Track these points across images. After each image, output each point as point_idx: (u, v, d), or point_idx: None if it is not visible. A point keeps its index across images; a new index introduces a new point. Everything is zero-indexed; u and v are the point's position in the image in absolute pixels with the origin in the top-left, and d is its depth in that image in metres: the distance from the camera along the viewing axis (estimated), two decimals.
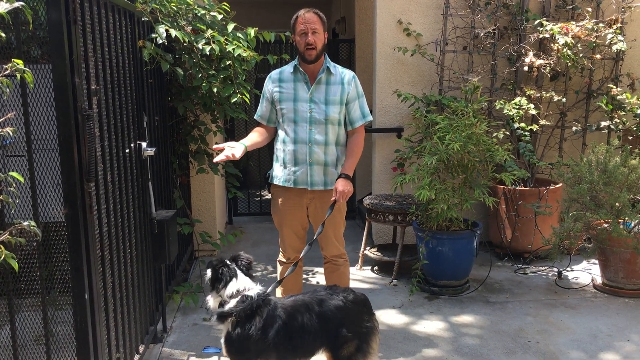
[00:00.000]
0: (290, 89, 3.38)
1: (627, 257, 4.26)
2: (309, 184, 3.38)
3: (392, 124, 5.32)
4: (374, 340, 2.88)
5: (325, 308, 2.81)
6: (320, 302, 2.84)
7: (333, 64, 3.43)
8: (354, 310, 2.86)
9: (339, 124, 3.39)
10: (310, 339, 2.78)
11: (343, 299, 2.86)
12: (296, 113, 3.34)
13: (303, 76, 3.37)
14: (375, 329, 2.91)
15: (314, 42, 3.26)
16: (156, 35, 3.51)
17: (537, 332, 3.80)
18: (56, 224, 2.61)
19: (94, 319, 2.48)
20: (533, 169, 5.09)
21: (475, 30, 5.14)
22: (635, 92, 5.23)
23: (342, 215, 3.52)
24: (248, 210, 7.14)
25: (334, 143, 3.39)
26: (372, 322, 2.91)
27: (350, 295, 2.91)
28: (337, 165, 3.43)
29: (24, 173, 2.33)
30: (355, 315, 2.86)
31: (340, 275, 3.62)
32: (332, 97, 3.34)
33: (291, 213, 3.49)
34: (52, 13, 2.23)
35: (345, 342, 2.80)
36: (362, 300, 2.94)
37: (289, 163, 3.39)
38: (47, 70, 2.38)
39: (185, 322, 3.99)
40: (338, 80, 3.38)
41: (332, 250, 3.56)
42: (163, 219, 3.52)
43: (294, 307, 2.81)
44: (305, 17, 3.28)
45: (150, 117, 3.59)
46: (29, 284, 2.68)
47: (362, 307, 2.91)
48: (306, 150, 3.34)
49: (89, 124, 2.37)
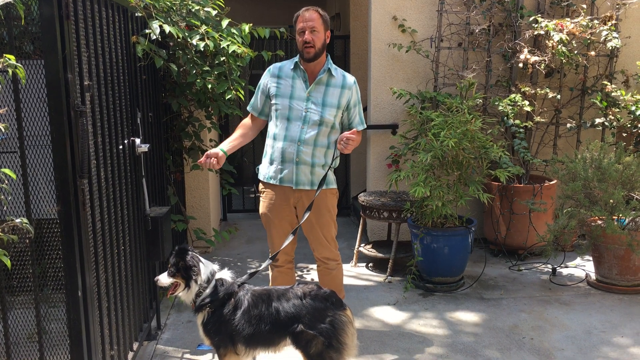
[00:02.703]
0: (287, 85, 3.33)
1: (621, 253, 4.27)
2: (294, 183, 3.33)
3: (386, 121, 5.32)
4: (344, 335, 2.81)
5: (283, 301, 2.84)
6: (281, 295, 2.86)
7: (335, 67, 3.37)
8: (313, 305, 2.81)
9: (332, 127, 3.34)
10: (265, 328, 2.81)
11: (302, 294, 2.84)
12: (291, 110, 3.30)
13: (302, 74, 3.32)
14: (345, 324, 2.83)
15: (312, 40, 3.21)
16: (150, 31, 3.49)
17: (532, 328, 3.81)
18: (49, 220, 2.59)
19: (87, 317, 2.46)
20: (528, 165, 5.10)
21: (470, 27, 5.14)
22: (630, 89, 5.24)
23: (332, 216, 3.46)
24: (242, 207, 7.13)
25: (325, 145, 3.35)
26: (339, 317, 2.82)
27: (313, 291, 2.86)
28: (325, 166, 3.38)
29: (16, 170, 2.32)
30: (315, 311, 2.79)
31: (332, 279, 3.55)
32: (330, 99, 3.30)
33: (277, 211, 3.42)
34: (44, 8, 2.21)
35: (309, 339, 2.77)
36: (325, 296, 2.86)
37: (276, 160, 3.36)
38: (40, 66, 2.36)
39: (180, 320, 3.98)
40: (338, 83, 3.34)
41: (323, 251, 3.50)
42: (157, 215, 3.50)
43: (259, 296, 2.87)
44: (305, 16, 3.24)
45: (144, 113, 3.57)
46: (22, 281, 2.67)
47: (324, 302, 2.83)
48: (294, 149, 3.29)
49: (81, 120, 2.35)
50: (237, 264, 5.11)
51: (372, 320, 3.97)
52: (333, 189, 3.46)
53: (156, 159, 3.93)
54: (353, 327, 2.89)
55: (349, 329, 2.85)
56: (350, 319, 2.88)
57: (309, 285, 2.93)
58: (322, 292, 2.87)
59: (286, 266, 3.57)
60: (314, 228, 3.42)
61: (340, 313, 2.84)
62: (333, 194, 3.48)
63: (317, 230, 3.41)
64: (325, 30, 3.29)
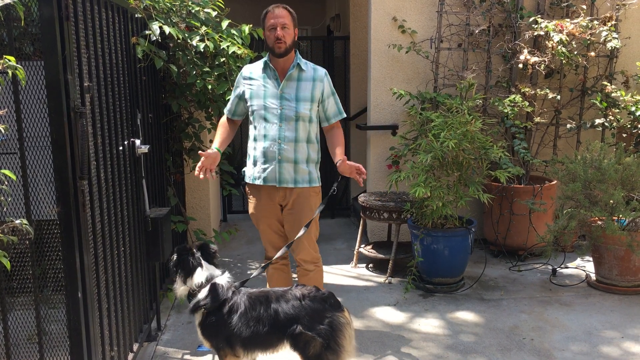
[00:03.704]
0: (260, 85, 3.36)
1: (621, 254, 4.27)
2: (278, 181, 3.34)
3: (386, 122, 5.32)
4: (342, 337, 2.80)
5: (282, 302, 2.84)
6: (280, 296, 2.87)
7: (304, 61, 3.41)
8: (312, 307, 2.80)
9: (309, 121, 3.36)
10: (264, 330, 2.81)
11: (301, 296, 2.84)
12: (266, 110, 3.32)
13: (273, 72, 3.35)
14: (343, 325, 2.82)
15: (283, 37, 3.25)
16: (150, 32, 3.49)
17: (532, 329, 3.81)
18: (49, 222, 2.59)
19: (87, 318, 2.46)
20: (528, 166, 5.10)
21: (470, 28, 5.14)
22: (630, 89, 5.24)
23: (314, 219, 3.42)
24: (243, 208, 7.10)
25: (305, 140, 3.36)
26: (338, 319, 2.82)
27: (311, 293, 2.87)
28: (309, 163, 3.39)
29: (16, 171, 2.31)
30: (313, 312, 2.79)
31: (308, 281, 3.46)
32: (303, 93, 3.32)
33: (265, 211, 3.46)
34: (44, 9, 2.21)
35: (308, 340, 2.76)
36: (323, 298, 2.86)
37: (259, 160, 3.37)
38: (40, 67, 2.36)
39: (180, 320, 3.98)
40: (309, 77, 3.36)
41: (302, 254, 3.47)
42: (157, 216, 3.50)
43: (257, 298, 2.88)
44: (275, 12, 3.28)
45: (144, 114, 3.57)
46: (22, 282, 2.67)
47: (322, 304, 2.83)
48: (276, 147, 3.31)
49: (81, 121, 2.35)
50: (237, 264, 5.11)
51: (372, 320, 3.97)
52: (316, 187, 3.46)
53: (156, 160, 3.93)
54: (351, 328, 2.89)
55: (347, 331, 2.84)
56: (348, 320, 2.87)
57: (308, 287, 2.93)
58: (320, 294, 2.87)
59: (281, 262, 3.58)
60: (293, 228, 3.40)
61: (339, 314, 2.84)
62: (316, 192, 3.47)
63: (297, 229, 3.35)
64: (294, 28, 3.33)
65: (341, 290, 4.47)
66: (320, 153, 3.50)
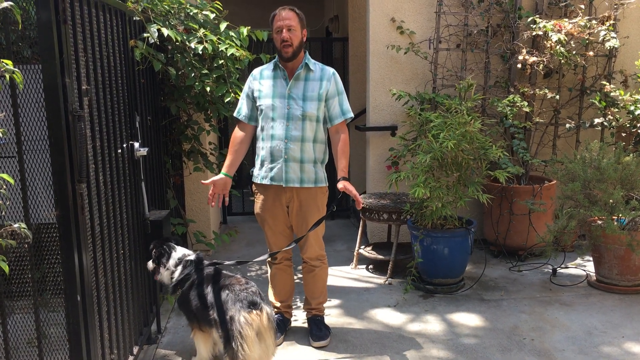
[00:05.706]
0: (269, 85, 3.37)
1: (621, 253, 4.27)
2: (284, 181, 3.36)
3: (386, 122, 5.32)
4: (244, 335, 2.79)
5: (211, 285, 3.03)
6: (214, 281, 3.06)
7: (313, 61, 3.42)
8: (232, 299, 2.90)
9: (317, 121, 3.37)
10: (202, 307, 3.00)
11: (238, 289, 2.94)
12: (274, 110, 3.34)
13: (282, 72, 3.37)
14: (246, 324, 2.81)
15: (290, 39, 3.26)
16: (148, 35, 3.49)
17: (532, 329, 3.81)
18: (48, 225, 2.59)
19: (86, 321, 2.46)
20: (527, 166, 5.09)
21: (469, 28, 5.14)
22: (628, 89, 5.24)
23: (321, 215, 3.48)
24: (242, 210, 7.12)
25: (311, 140, 3.37)
26: (244, 315, 2.82)
27: (248, 289, 2.96)
28: (316, 163, 3.41)
29: (14, 174, 2.32)
30: (230, 304, 2.89)
31: (314, 277, 3.60)
32: (310, 93, 3.34)
33: (271, 212, 3.48)
34: (41, 13, 2.21)
35: (218, 327, 2.91)
36: (251, 292, 2.94)
37: (266, 160, 3.40)
38: (37, 70, 2.35)
39: (180, 323, 3.97)
40: (317, 77, 3.37)
41: (310, 252, 3.55)
42: (156, 219, 3.50)
43: (206, 276, 3.11)
44: (282, 15, 3.29)
45: (142, 117, 3.57)
46: (21, 286, 2.66)
47: (243, 298, 2.89)
48: (282, 146, 3.33)
49: (80, 124, 2.35)
50: (236, 266, 5.10)
51: (372, 322, 3.97)
52: (323, 187, 3.50)
53: (155, 162, 3.93)
54: (253, 329, 2.82)
55: (250, 330, 2.81)
56: (255, 321, 2.83)
57: (252, 284, 3.03)
58: (251, 289, 2.96)
59: (284, 263, 3.65)
60: (300, 227, 3.46)
61: (246, 312, 2.84)
62: (323, 192, 3.51)
63: (305, 229, 3.42)
64: (302, 29, 3.34)
65: (341, 292, 4.47)
66: (327, 153, 3.52)
